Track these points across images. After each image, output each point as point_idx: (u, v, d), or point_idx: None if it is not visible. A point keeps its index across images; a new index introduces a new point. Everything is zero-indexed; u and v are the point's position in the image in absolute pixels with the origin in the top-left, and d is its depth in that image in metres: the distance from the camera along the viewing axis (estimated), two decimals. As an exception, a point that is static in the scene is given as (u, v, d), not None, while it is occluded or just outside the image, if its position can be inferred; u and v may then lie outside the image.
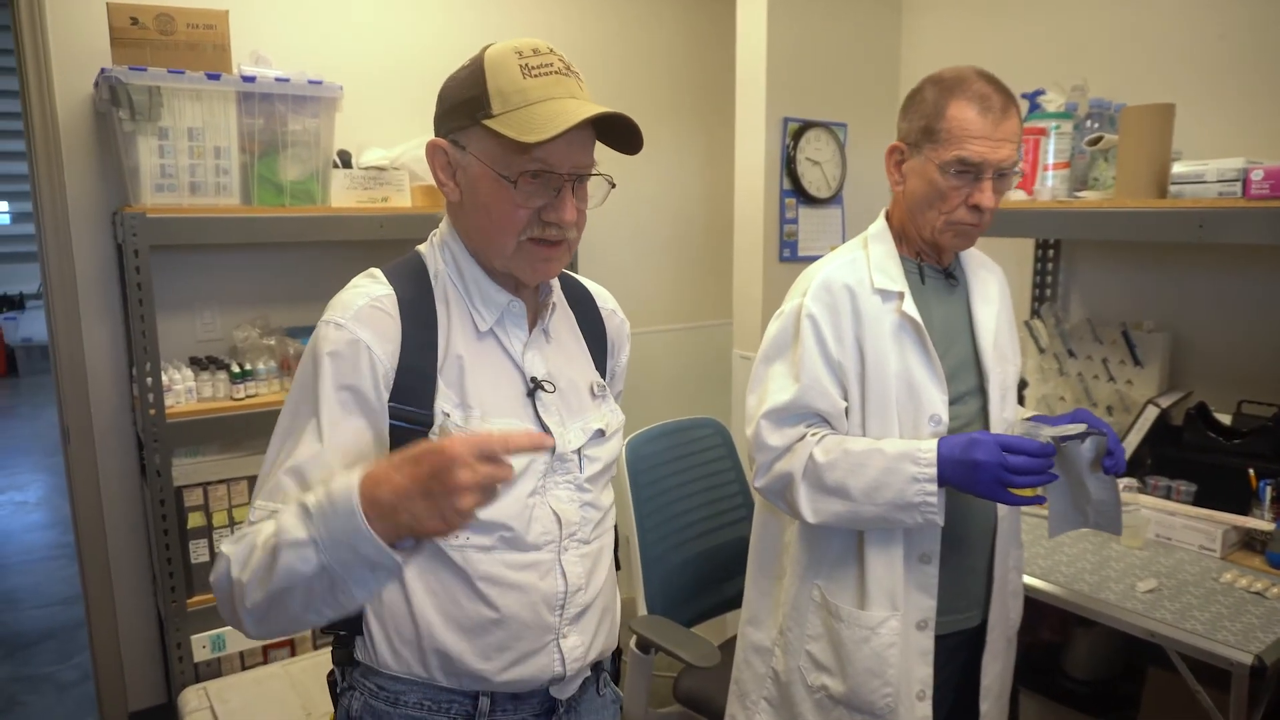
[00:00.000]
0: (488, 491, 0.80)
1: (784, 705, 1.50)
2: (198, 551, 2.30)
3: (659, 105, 3.29)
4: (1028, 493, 1.26)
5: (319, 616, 0.88)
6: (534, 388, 1.05)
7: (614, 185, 1.05)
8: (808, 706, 1.46)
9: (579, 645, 1.07)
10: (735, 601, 2.20)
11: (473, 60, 1.00)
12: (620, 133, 1.00)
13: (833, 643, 1.43)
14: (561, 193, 0.98)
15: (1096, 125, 2.13)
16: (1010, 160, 1.32)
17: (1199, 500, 1.95)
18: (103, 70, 2.06)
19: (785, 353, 1.41)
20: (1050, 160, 2.12)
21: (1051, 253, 2.50)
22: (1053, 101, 2.18)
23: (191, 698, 2.14)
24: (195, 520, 2.29)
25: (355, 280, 1.05)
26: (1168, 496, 1.98)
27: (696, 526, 2.14)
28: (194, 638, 2.27)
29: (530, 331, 1.08)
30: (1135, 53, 2.31)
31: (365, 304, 0.99)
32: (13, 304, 8.60)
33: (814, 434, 1.38)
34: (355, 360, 0.96)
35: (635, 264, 3.34)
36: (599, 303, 1.23)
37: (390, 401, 0.98)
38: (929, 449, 1.29)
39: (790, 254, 2.71)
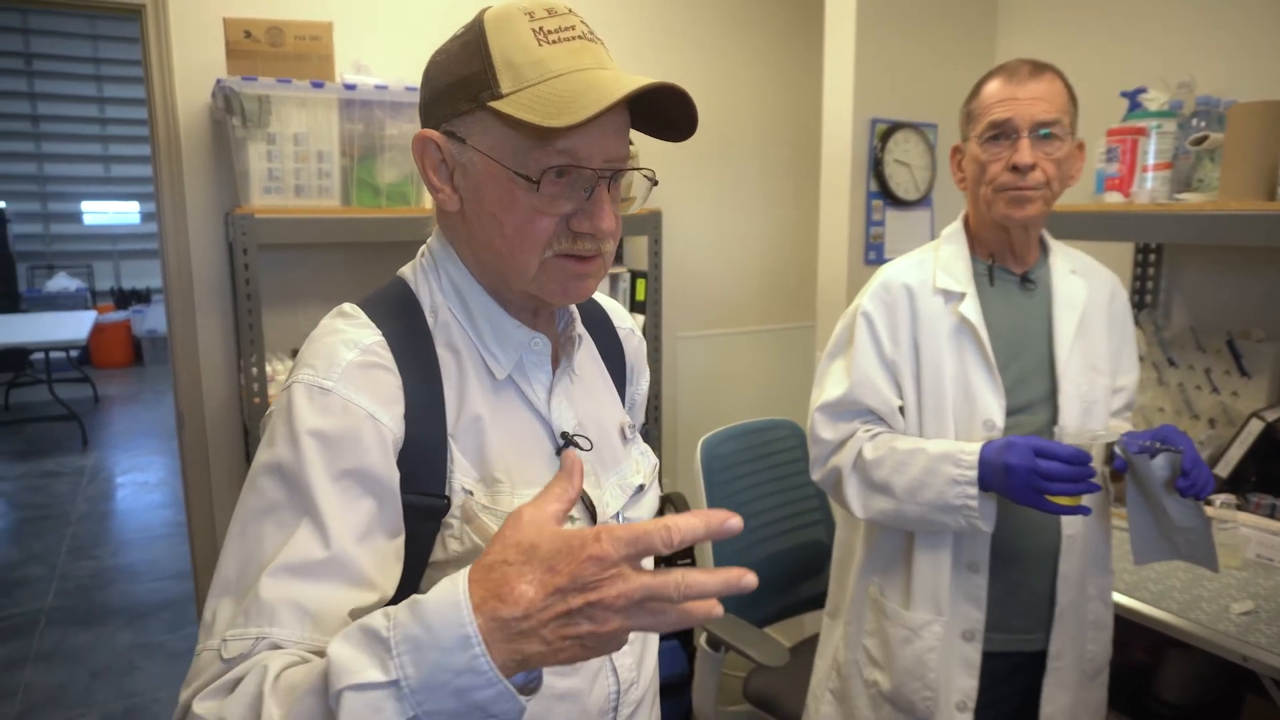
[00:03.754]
0: (644, 611, 0.56)
1: (844, 698, 1.51)
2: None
3: (744, 103, 3.30)
4: (1066, 502, 1.20)
5: None
6: (565, 444, 0.84)
7: (655, 182, 0.83)
8: (863, 701, 1.47)
9: None
10: (810, 603, 2.19)
11: (466, 28, 0.77)
12: (657, 115, 0.78)
13: (883, 640, 1.43)
14: (595, 194, 0.76)
15: (1203, 124, 2.04)
16: (1046, 117, 1.29)
17: (1307, 520, 1.84)
18: (218, 81, 2.21)
19: (843, 350, 1.43)
20: (1150, 161, 2.04)
21: (1153, 257, 2.40)
22: (1155, 100, 2.09)
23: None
24: (294, 504, 2.42)
25: (327, 323, 0.81)
26: (1272, 515, 1.88)
27: (771, 527, 2.15)
28: (290, 615, 2.40)
29: (554, 373, 0.87)
30: (1249, 49, 2.20)
31: (355, 357, 0.75)
32: (140, 298, 9.21)
33: (866, 430, 1.39)
34: (355, 436, 0.72)
35: (719, 265, 3.35)
36: (616, 322, 1.02)
37: None
38: (972, 451, 1.27)
39: (876, 257, 2.68)
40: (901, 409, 1.38)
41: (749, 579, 0.56)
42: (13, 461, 5.65)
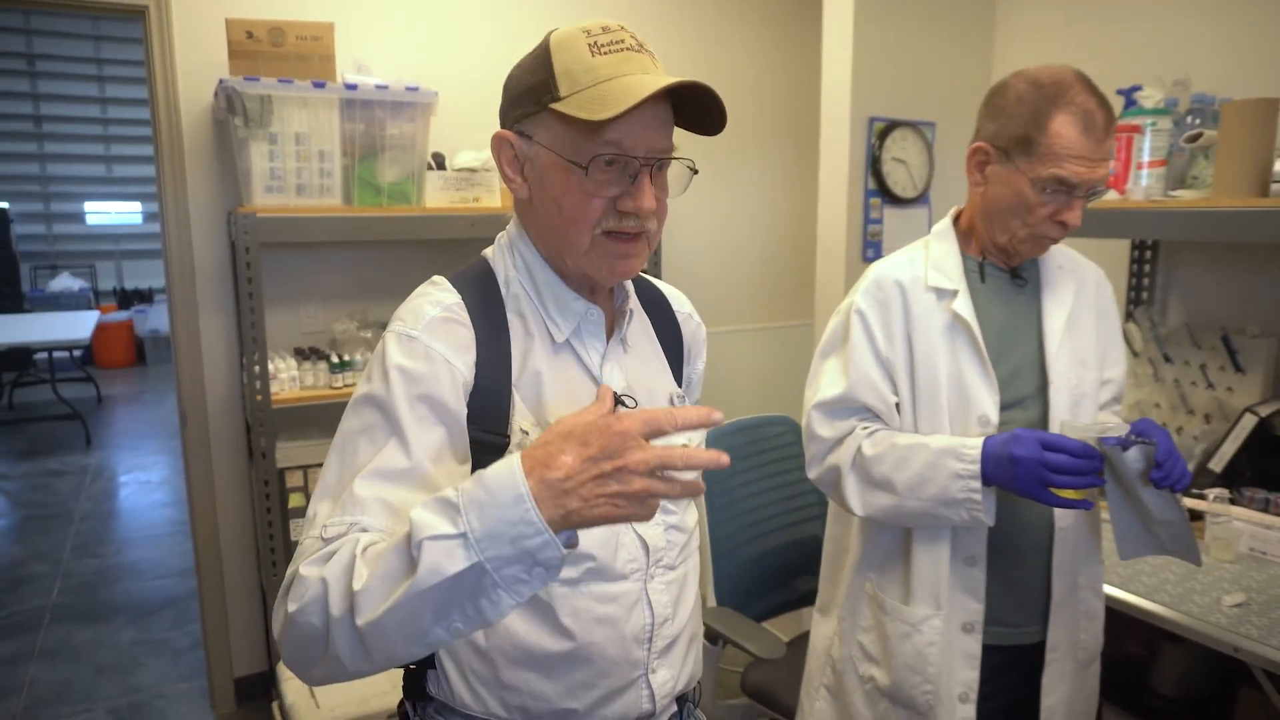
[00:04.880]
0: (658, 479, 0.71)
1: (839, 694, 1.52)
2: (298, 529, 2.46)
3: (744, 103, 3.31)
4: (1072, 495, 1.20)
5: (447, 632, 0.73)
6: (614, 403, 1.00)
7: (696, 171, 0.96)
8: (859, 697, 1.47)
9: (668, 680, 1.02)
10: (807, 598, 2.21)
11: (538, 46, 0.93)
12: (698, 111, 0.91)
13: (880, 635, 1.43)
14: (639, 179, 0.89)
15: (1198, 121, 2.05)
16: (1105, 178, 1.27)
17: (1300, 514, 1.86)
18: (221, 81, 2.23)
19: (838, 348, 1.43)
20: (1145, 158, 2.05)
21: (1149, 254, 2.41)
22: (1150, 97, 2.11)
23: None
24: (296, 500, 2.45)
25: (420, 289, 0.99)
26: (1265, 509, 1.89)
27: (768, 523, 2.16)
28: (293, 611, 2.42)
29: (608, 341, 1.01)
30: (1244, 47, 2.21)
31: (437, 313, 0.92)
32: (143, 297, 9.24)
33: (864, 428, 1.38)
34: (433, 372, 0.89)
35: (718, 263, 3.36)
36: (675, 306, 1.16)
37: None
38: (974, 445, 1.27)
39: (874, 254, 2.69)
40: (897, 405, 1.38)
41: (723, 459, 0.73)
42: (17, 460, 5.68)
